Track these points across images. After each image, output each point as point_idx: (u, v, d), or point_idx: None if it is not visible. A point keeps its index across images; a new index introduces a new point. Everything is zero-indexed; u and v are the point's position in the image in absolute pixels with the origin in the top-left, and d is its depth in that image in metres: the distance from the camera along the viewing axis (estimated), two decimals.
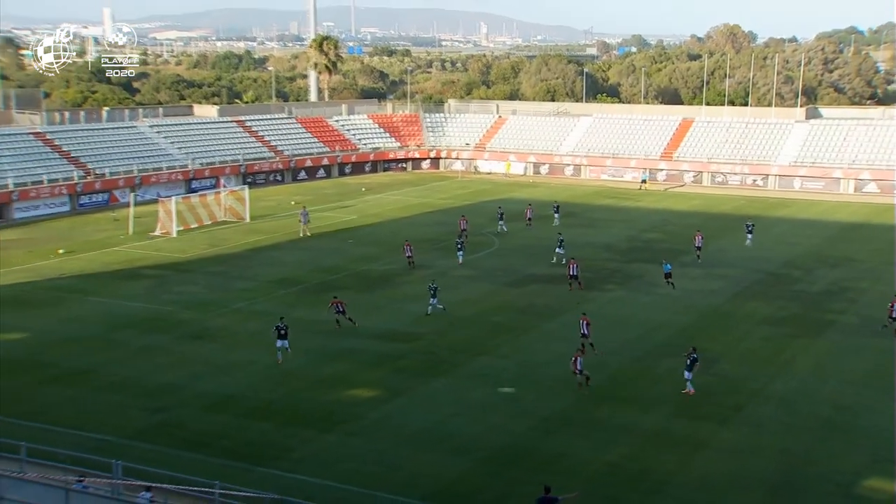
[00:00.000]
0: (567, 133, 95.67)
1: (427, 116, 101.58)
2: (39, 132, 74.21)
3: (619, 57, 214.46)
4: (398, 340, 37.94)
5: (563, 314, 42.25)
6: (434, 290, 41.75)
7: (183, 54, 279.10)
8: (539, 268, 51.43)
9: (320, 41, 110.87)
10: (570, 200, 76.35)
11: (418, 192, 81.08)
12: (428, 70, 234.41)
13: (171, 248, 55.76)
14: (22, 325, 39.35)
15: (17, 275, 48.82)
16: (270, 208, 69.45)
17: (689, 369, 32.00)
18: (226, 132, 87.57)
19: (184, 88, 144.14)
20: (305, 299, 44.24)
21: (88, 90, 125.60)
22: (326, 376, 33.66)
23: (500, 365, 35.05)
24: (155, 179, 74.88)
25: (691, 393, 31.80)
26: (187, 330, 39.22)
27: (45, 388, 32.12)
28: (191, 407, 30.70)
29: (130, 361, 35.10)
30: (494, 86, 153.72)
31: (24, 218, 65.45)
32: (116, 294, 45.04)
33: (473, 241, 57.62)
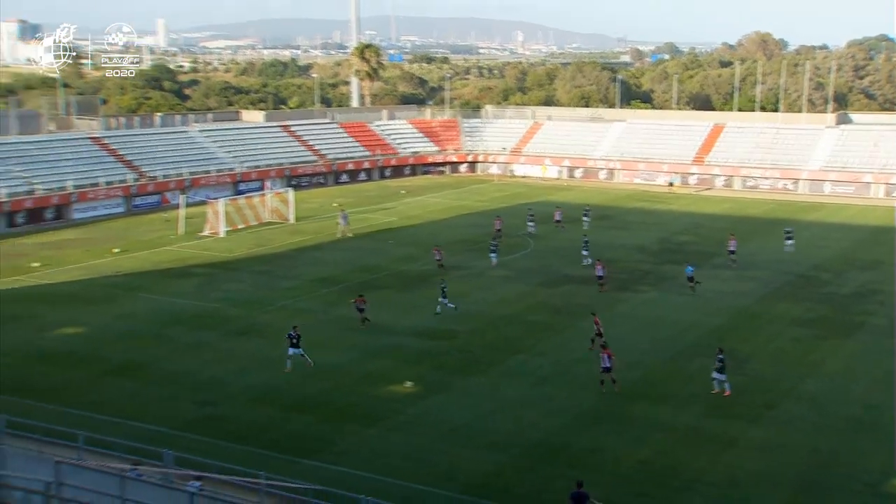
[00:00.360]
0: (601, 138, 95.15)
1: (465, 121, 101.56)
2: (97, 137, 75.30)
3: (652, 64, 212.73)
4: (437, 338, 37.97)
5: (598, 313, 41.93)
6: (443, 289, 41.77)
7: (231, 62, 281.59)
8: (573, 269, 51.19)
9: (362, 49, 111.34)
10: (604, 203, 75.91)
11: (456, 194, 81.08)
12: (466, 77, 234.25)
13: (219, 248, 56.29)
14: (80, 320, 39.97)
15: (76, 272, 49.59)
16: (313, 210, 69.86)
17: (721, 371, 31.67)
18: (272, 137, 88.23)
19: (232, 95, 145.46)
20: (347, 298, 44.37)
21: (143, 97, 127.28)
22: (367, 372, 33.77)
23: (535, 363, 34.95)
24: (204, 182, 75.65)
25: (727, 394, 31.43)
26: (234, 326, 39.56)
27: (102, 381, 32.59)
28: (237, 400, 30.97)
29: (180, 356, 35.49)
30: (530, 92, 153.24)
31: (82, 218, 66.45)
32: (167, 291, 45.57)
33: (509, 242, 57.50)
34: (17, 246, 56.80)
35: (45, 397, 30.10)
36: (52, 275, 48.82)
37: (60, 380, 32.54)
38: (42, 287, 46.16)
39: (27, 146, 69.74)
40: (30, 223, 63.23)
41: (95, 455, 22.64)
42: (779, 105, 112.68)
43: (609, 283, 46.76)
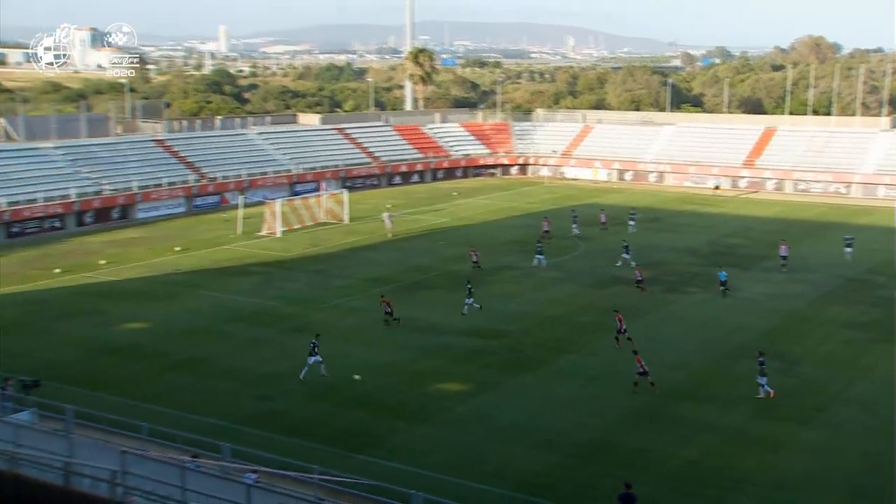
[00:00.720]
0: (651, 141, 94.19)
1: (516, 125, 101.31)
2: (161, 139, 76.71)
3: (703, 68, 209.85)
4: (487, 338, 37.95)
5: (647, 315, 41.63)
6: (470, 289, 41.70)
7: (289, 67, 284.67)
8: (623, 270, 50.74)
9: (416, 54, 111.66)
10: (654, 206, 75.14)
11: (507, 196, 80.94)
12: (517, 81, 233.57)
13: (276, 247, 56.95)
14: (144, 316, 40.76)
15: (140, 270, 50.58)
16: (367, 211, 70.32)
17: (762, 374, 31.19)
18: (327, 139, 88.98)
19: (289, 98, 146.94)
20: (399, 297, 44.54)
21: (204, 100, 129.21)
22: (419, 370, 33.89)
23: (584, 363, 34.75)
24: (262, 183, 76.57)
25: (772, 395, 30.94)
26: (290, 324, 39.99)
27: (164, 375, 33.21)
28: (293, 395, 31.30)
29: (239, 352, 35.99)
30: (581, 96, 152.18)
31: (145, 218, 67.73)
32: (226, 289, 46.24)
33: (560, 244, 57.24)
34: (86, 244, 58.13)
35: (110, 389, 30.80)
36: (117, 272, 49.87)
37: (125, 373, 33.23)
38: (108, 283, 47.18)
39: (95, 148, 71.34)
40: (97, 222, 64.65)
41: (158, 446, 23.05)
42: (831, 109, 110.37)
43: (648, 285, 46.21)
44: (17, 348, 35.85)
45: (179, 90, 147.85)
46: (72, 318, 40.40)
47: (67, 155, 68.77)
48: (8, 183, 62.31)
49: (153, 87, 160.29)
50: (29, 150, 67.50)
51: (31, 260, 52.94)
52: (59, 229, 62.20)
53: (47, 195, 62.32)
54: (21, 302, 43.15)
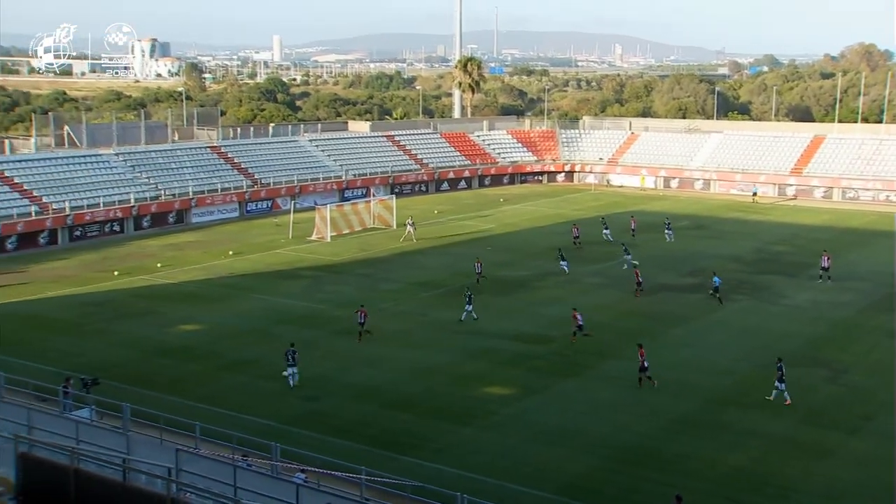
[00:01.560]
0: (697, 149, 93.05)
1: (563, 132, 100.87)
2: (215, 146, 77.78)
3: (751, 76, 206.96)
4: (532, 342, 37.82)
5: (692, 321, 41.16)
6: (469, 297, 41.29)
7: (340, 75, 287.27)
8: (668, 277, 50.22)
9: (465, 62, 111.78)
10: (700, 213, 74.24)
11: (553, 203, 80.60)
12: (564, 89, 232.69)
13: (326, 252, 57.40)
14: (198, 318, 41.34)
15: (195, 273, 51.35)
16: (415, 216, 70.39)
17: (781, 380, 30.78)
18: (376, 146, 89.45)
19: (340, 106, 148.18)
20: (446, 301, 44.64)
21: (258, 108, 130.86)
22: (465, 373, 33.88)
23: (629, 368, 34.40)
24: (312, 188, 77.21)
25: (788, 402, 30.50)
26: (338, 326, 40.25)
27: (216, 375, 33.64)
28: (340, 397, 31.49)
29: None
30: (627, 104, 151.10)
31: (200, 222, 68.71)
32: (277, 292, 46.70)
33: (605, 250, 56.81)
34: (144, 247, 59.18)
35: (165, 389, 31.31)
36: (173, 274, 50.67)
37: (179, 373, 33.74)
38: (164, 286, 47.96)
39: (153, 155, 72.59)
40: (154, 226, 65.75)
41: (210, 445, 23.37)
42: (882, 116, 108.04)
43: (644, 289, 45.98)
44: (76, 348, 36.63)
45: (234, 98, 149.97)
46: (129, 320, 41.14)
47: (127, 161, 70.13)
48: (71, 188, 63.73)
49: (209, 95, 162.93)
50: (91, 156, 68.94)
51: (92, 262, 54.05)
52: (118, 233, 63.41)
53: (107, 200, 63.57)
54: (81, 303, 44.06)
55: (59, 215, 59.96)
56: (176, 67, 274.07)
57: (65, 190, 63.16)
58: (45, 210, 60.00)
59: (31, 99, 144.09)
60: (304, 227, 63.33)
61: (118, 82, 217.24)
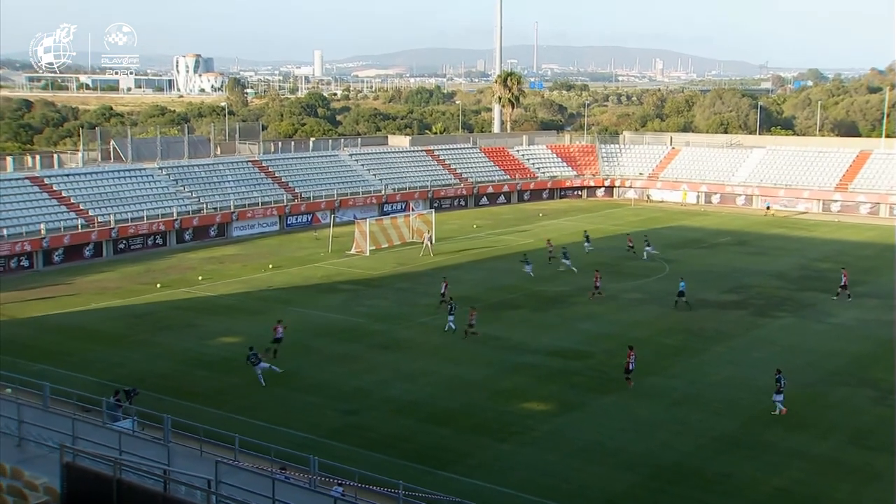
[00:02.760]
0: (739, 164, 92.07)
1: (603, 147, 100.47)
2: (256, 160, 78.66)
3: (795, 91, 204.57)
4: (571, 358, 37.60)
5: (734, 338, 40.63)
6: (452, 307, 41.56)
7: (380, 90, 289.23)
8: (709, 293, 49.68)
9: (505, 77, 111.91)
10: (742, 229, 73.40)
11: (592, 218, 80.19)
12: (604, 104, 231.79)
13: (365, 266, 57.65)
14: (237, 330, 41.70)
15: (235, 285, 51.87)
16: (453, 231, 70.55)
17: (779, 392, 30.77)
18: (416, 160, 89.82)
19: (380, 121, 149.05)
20: (484, 316, 44.49)
21: (299, 123, 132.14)
22: (504, 388, 33.76)
23: (669, 385, 34.07)
24: (352, 202, 77.68)
25: (784, 412, 30.50)
26: (377, 340, 40.37)
27: (255, 388, 33.83)
28: (378, 410, 31.53)
29: (326, 366, 36.48)
30: (668, 118, 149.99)
31: (241, 236, 69.42)
32: (316, 305, 46.98)
33: (645, 265, 56.37)
34: (185, 260, 59.93)
35: (204, 400, 31.61)
36: (214, 287, 51.23)
37: (218, 385, 34.04)
38: (205, 299, 48.51)
39: (196, 169, 73.59)
40: (195, 239, 66.58)
41: (249, 457, 23.53)
42: None
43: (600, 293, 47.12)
44: (118, 359, 37.15)
45: (275, 113, 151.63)
46: (170, 332, 41.65)
47: (170, 175, 71.20)
48: (116, 202, 64.84)
49: (250, 110, 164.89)
50: (136, 170, 70.10)
51: (135, 275, 54.86)
52: (161, 246, 64.31)
53: (151, 213, 64.57)
54: (124, 315, 44.71)
55: (105, 228, 61.00)
56: (219, 82, 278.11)
57: (110, 203, 64.29)
58: (91, 223, 61.08)
59: (80, 114, 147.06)
60: (343, 240, 63.68)
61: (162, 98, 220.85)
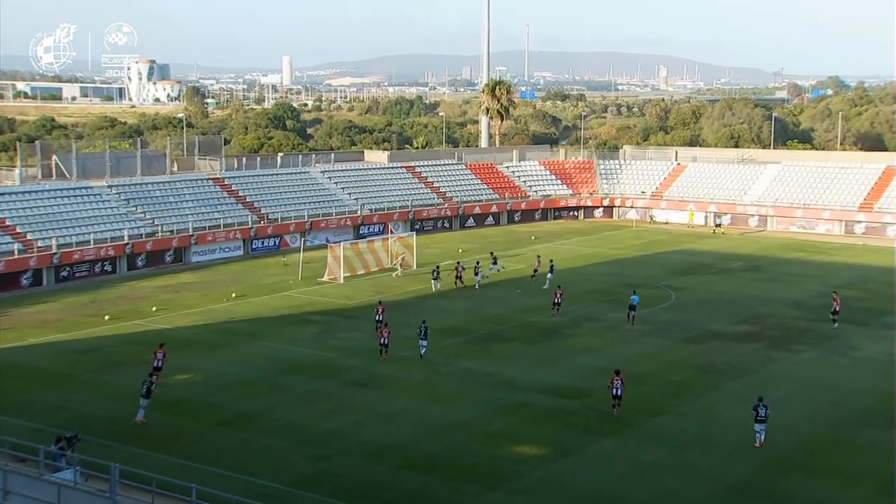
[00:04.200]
0: (752, 182, 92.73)
1: (601, 163, 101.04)
2: (218, 178, 78.52)
3: (813, 100, 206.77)
4: (568, 396, 37.51)
5: (748, 374, 40.66)
6: (424, 330, 42.47)
7: (355, 100, 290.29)
8: (720, 324, 49.78)
9: (493, 86, 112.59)
10: (755, 253, 73.77)
11: (590, 241, 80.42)
12: (602, 115, 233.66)
13: (338, 294, 57.46)
14: (195, 367, 41.40)
15: (193, 317, 51.54)
16: (437, 256, 70.48)
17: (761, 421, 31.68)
18: (395, 178, 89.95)
19: (355, 134, 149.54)
20: (472, 350, 44.47)
21: (265, 136, 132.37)
22: (493, 430, 33.61)
23: (676, 425, 34.01)
24: (324, 224, 77.63)
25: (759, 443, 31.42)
26: (352, 377, 40.16)
27: (214, 430, 33.54)
28: (353, 455, 31.29)
29: (295, 406, 36.23)
30: (673, 131, 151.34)
31: (200, 261, 69.09)
32: (284, 339, 46.74)
33: (651, 293, 56.49)
34: (137, 289, 59.51)
35: (158, 446, 31.26)
36: (169, 319, 50.89)
37: (174, 428, 33.69)
38: (159, 331, 48.11)
39: (150, 187, 73.35)
40: (149, 265, 66.20)
41: None
42: None
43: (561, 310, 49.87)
44: (60, 401, 36.70)
45: (239, 125, 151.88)
46: (119, 369, 41.26)
47: (121, 194, 70.92)
48: (59, 224, 64.37)
49: (211, 122, 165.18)
50: (81, 189, 69.75)
51: (80, 306, 54.43)
52: (109, 273, 63.90)
53: (98, 237, 64.12)
54: (67, 351, 44.27)
55: (45, 254, 60.57)
56: (176, 91, 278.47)
57: (51, 226, 63.83)
58: (30, 248, 60.64)
59: (17, 126, 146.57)
60: (314, 267, 63.50)
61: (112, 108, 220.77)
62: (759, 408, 31.92)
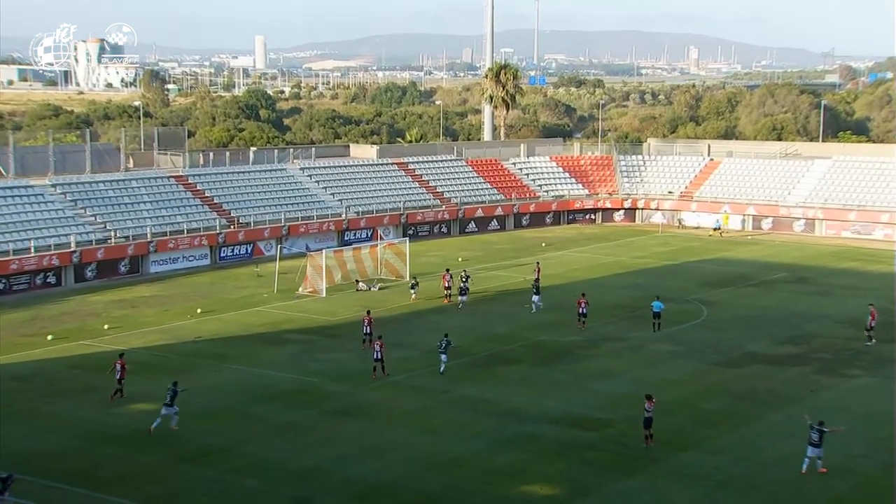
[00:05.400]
0: (797, 180, 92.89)
1: (622, 159, 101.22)
2: (181, 175, 78.64)
3: (869, 85, 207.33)
4: (583, 427, 37.49)
5: (794, 402, 40.62)
6: (446, 344, 43.72)
7: (340, 86, 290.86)
8: (760, 344, 49.80)
9: (497, 70, 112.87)
10: (801, 262, 73.83)
11: (609, 248, 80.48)
12: (624, 104, 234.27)
13: (320, 310, 57.45)
14: (155, 394, 41.11)
15: (152, 336, 51.49)
16: (434, 265, 70.51)
17: (817, 444, 32.23)
18: (385, 176, 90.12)
19: (339, 126, 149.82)
20: (473, 373, 44.43)
21: (236, 128, 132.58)
22: (498, 466, 33.59)
23: (710, 462, 33.99)
24: (304, 230, 77.71)
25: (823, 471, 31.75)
26: (335, 404, 40.13)
27: (176, 468, 33.47)
28: (337, 496, 31.28)
29: (270, 440, 36.20)
30: (705, 122, 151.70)
31: (160, 272, 69.12)
32: (257, 361, 46.70)
33: (680, 309, 56.49)
34: (87, 304, 59.50)
35: (110, 487, 31.21)
36: (124, 339, 50.84)
37: (129, 466, 33.59)
38: (113, 354, 48.01)
39: (102, 186, 73.41)
40: (101, 277, 66.21)
41: None
42: None
43: None
44: None
45: (206, 115, 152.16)
46: (65, 398, 41.17)
47: (67, 194, 70.97)
48: None
49: (173, 111, 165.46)
50: (20, 188, 69.80)
51: (18, 324, 54.36)
52: (53, 285, 63.91)
53: (41, 244, 64.07)
54: (3, 377, 44.14)
55: None
56: (131, 76, 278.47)
57: None
58: None
59: None
60: (292, 278, 63.51)
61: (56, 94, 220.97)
62: (817, 429, 32.18)
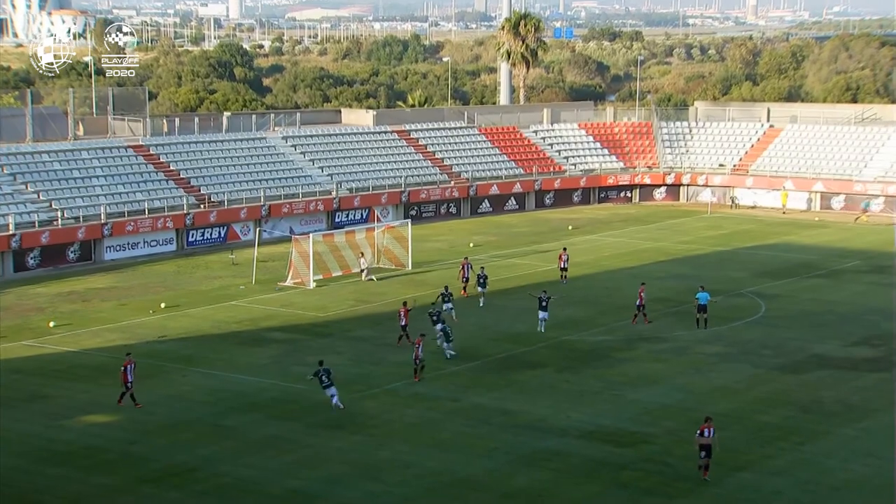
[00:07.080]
0: (875, 150, 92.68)
1: (664, 126, 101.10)
2: (141, 145, 78.66)
3: None
4: (618, 443, 37.57)
5: (870, 415, 40.64)
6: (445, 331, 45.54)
7: (329, 40, 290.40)
8: (829, 345, 49.82)
9: (516, 21, 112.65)
10: (878, 248, 73.63)
11: (648, 232, 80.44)
12: (667, 60, 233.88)
13: (307, 304, 57.59)
14: (111, 405, 41.37)
15: (107, 336, 51.60)
16: (440, 252, 70.62)
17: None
18: (383, 146, 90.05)
19: (329, 87, 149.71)
20: (486, 379, 44.52)
21: (205, 88, 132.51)
22: (517, 488, 33.69)
23: (769, 485, 34.08)
24: (287, 210, 77.73)
25: None
26: (324, 416, 40.23)
27: (137, 490, 33.57)
28: None
29: (248, 457, 36.29)
30: (764, 81, 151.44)
31: (117, 259, 69.25)
32: (232, 365, 46.82)
33: (733, 303, 56.54)
34: (29, 297, 59.63)
35: None
36: (74, 338, 50.99)
37: (81, 488, 33.72)
38: (59, 356, 48.25)
39: (46, 157, 73.44)
40: (45, 265, 66.31)
41: None
42: None
43: None
44: None
45: (170, 74, 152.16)
46: (4, 408, 41.24)
47: (5, 167, 71.01)
48: None
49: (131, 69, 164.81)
50: None
51: None
52: None
53: None
54: None
55: None
56: (80, 26, 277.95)
57: None
58: None
59: None
60: (274, 266, 63.66)
61: None
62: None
